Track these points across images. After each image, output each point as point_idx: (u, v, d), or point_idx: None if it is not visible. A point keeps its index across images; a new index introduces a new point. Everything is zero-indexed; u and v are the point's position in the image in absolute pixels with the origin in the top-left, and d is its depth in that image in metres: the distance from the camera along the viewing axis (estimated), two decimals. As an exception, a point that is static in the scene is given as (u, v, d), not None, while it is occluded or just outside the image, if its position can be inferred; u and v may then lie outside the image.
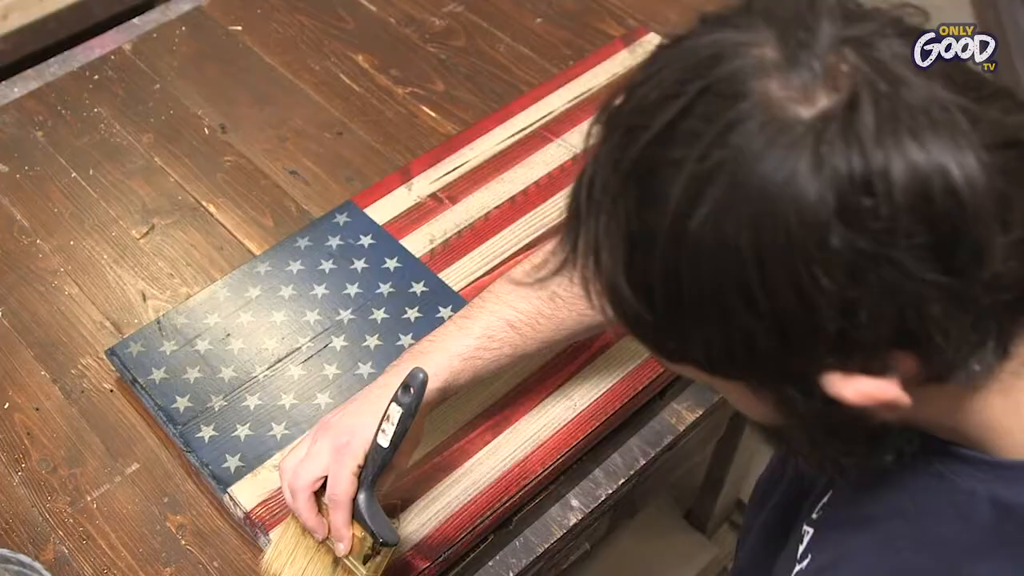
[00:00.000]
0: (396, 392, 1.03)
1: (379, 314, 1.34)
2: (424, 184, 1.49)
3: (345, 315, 1.34)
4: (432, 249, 1.41)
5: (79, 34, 1.84)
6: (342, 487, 1.04)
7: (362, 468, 1.05)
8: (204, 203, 1.53)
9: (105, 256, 1.46)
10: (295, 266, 1.39)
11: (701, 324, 0.63)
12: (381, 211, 1.45)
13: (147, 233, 1.49)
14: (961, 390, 0.69)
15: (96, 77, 1.71)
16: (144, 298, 1.41)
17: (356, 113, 1.65)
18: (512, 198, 1.47)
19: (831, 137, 0.57)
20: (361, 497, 1.05)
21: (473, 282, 1.37)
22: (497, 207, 1.46)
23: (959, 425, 0.73)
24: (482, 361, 1.11)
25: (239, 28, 1.79)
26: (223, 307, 1.35)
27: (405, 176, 1.50)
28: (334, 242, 1.41)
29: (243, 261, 1.42)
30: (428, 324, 1.31)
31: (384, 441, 1.03)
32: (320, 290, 1.36)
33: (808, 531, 0.88)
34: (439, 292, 1.36)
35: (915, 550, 0.76)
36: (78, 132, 1.63)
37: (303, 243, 1.41)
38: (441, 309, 1.34)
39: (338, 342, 1.31)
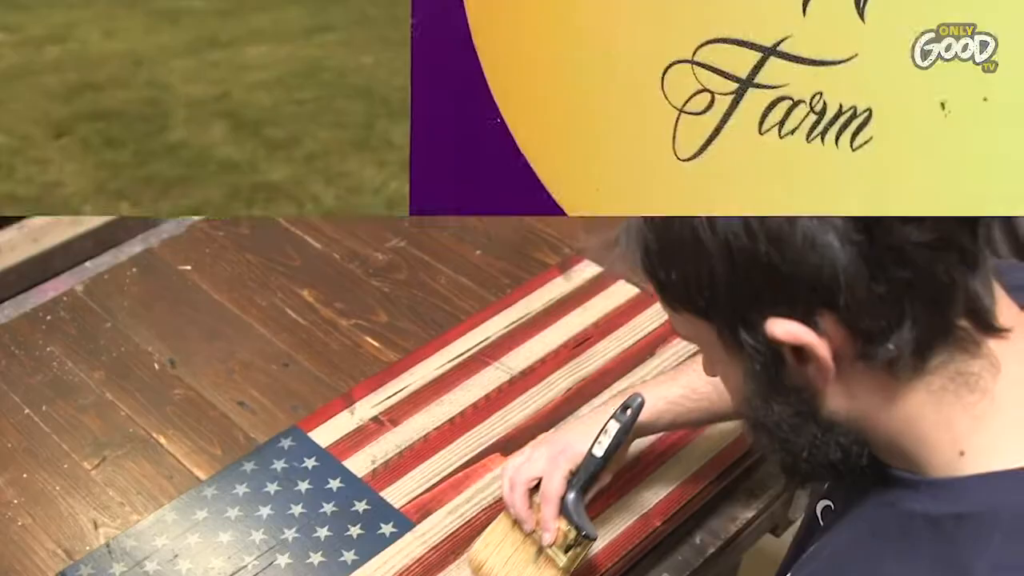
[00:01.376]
0: (615, 411, 1.23)
1: (322, 532, 1.38)
2: (366, 408, 1.55)
3: (290, 534, 1.38)
4: (374, 469, 1.46)
5: (39, 283, 1.91)
6: (554, 485, 1.24)
7: (573, 474, 1.24)
8: (154, 435, 1.58)
9: (57, 488, 1.50)
10: (241, 488, 1.43)
11: (682, 257, 0.79)
12: (324, 434, 1.51)
13: (99, 465, 1.53)
14: (888, 383, 0.79)
15: (49, 318, 1.78)
16: (96, 526, 1.44)
17: (302, 345, 1.72)
18: (451, 419, 1.53)
19: None
20: (570, 497, 1.23)
21: (414, 499, 1.42)
22: (436, 428, 1.52)
23: (896, 439, 0.82)
24: (683, 409, 1.30)
25: (188, 267, 1.87)
26: (171, 529, 1.39)
27: (348, 401, 1.56)
28: (279, 465, 1.46)
29: (192, 488, 1.46)
30: (371, 540, 1.36)
31: (599, 451, 1.22)
32: (265, 511, 1.40)
33: None
34: (380, 510, 1.40)
35: (861, 567, 0.85)
36: (31, 371, 1.68)
37: (249, 467, 1.46)
38: (383, 525, 1.38)
39: (283, 559, 1.35)
